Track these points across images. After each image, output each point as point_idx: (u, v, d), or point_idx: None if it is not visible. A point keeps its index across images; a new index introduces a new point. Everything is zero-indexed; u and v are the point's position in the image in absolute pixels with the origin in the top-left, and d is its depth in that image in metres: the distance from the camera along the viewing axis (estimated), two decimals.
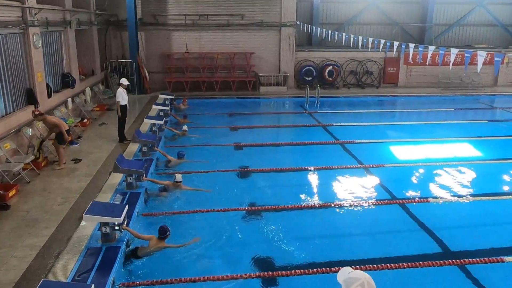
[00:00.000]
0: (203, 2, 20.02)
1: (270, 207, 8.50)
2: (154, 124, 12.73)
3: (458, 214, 8.66)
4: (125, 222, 6.76)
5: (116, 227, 6.60)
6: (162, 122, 13.06)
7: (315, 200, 9.01)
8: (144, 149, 10.75)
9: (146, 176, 9.02)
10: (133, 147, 11.25)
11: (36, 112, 10.07)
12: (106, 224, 6.50)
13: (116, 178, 9.08)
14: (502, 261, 6.78)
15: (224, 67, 20.63)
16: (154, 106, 14.94)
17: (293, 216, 8.25)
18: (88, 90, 15.94)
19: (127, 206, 6.95)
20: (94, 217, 6.51)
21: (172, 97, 16.87)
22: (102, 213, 6.54)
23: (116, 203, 7.77)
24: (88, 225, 7.02)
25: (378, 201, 8.98)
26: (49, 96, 12.80)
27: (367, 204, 8.79)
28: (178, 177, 9.06)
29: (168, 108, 15.19)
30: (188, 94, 19.30)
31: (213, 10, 20.15)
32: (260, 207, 8.52)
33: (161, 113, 14.56)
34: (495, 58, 7.91)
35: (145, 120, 12.91)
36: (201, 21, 20.16)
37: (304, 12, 23.38)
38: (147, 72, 19.67)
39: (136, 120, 14.43)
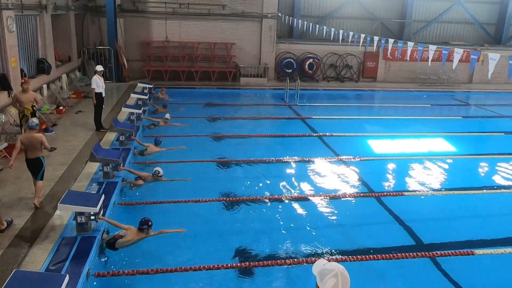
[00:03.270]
0: None
1: (248, 198, 8.54)
2: (132, 113, 12.55)
3: (431, 207, 8.88)
4: (101, 212, 6.67)
5: (92, 217, 6.51)
6: (140, 111, 12.89)
7: (293, 192, 9.07)
8: (122, 138, 10.60)
9: (123, 166, 8.91)
10: (110, 136, 11.08)
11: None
12: (81, 213, 6.40)
13: (92, 167, 8.94)
14: (473, 254, 6.99)
15: (205, 57, 20.45)
16: (132, 95, 14.72)
17: (271, 207, 8.30)
18: (64, 76, 15.58)
19: (103, 195, 6.86)
20: (69, 206, 6.40)
21: (151, 86, 16.66)
22: (77, 202, 6.43)
23: (92, 192, 7.66)
24: (63, 215, 6.91)
25: (355, 193, 9.11)
26: None
27: (344, 197, 8.91)
28: (159, 171, 8.89)
29: (146, 97, 14.99)
30: (167, 84, 19.07)
31: None
32: (238, 198, 8.54)
33: (140, 102, 14.37)
34: (471, 56, 8.09)
35: (123, 109, 12.72)
36: (181, 9, 19.88)
37: (285, 4, 23.30)
38: (126, 60, 19.33)
39: (113, 108, 14.20)
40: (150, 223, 6.49)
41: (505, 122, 16.42)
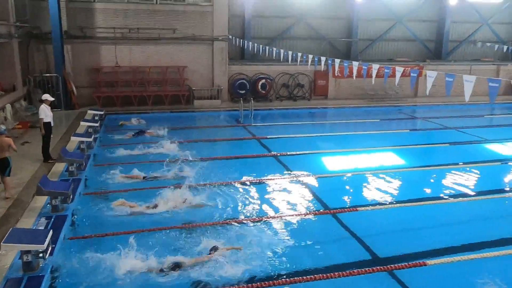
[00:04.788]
0: (133, 15, 19.62)
1: (207, 223, 8.43)
2: (82, 142, 12.19)
3: (385, 220, 9.11)
4: (50, 249, 6.37)
5: (40, 255, 6.20)
6: (91, 140, 12.53)
7: (249, 212, 9.04)
8: (71, 168, 10.24)
9: (73, 198, 8.60)
10: (59, 167, 10.68)
11: None
12: (27, 252, 6.08)
13: (40, 201, 8.56)
14: (425, 265, 7.22)
15: (157, 81, 20.29)
16: (82, 123, 14.31)
17: (229, 230, 8.22)
18: (8, 106, 14.94)
19: (51, 231, 6.57)
20: (14, 245, 6.07)
21: (102, 113, 16.28)
22: (22, 240, 6.12)
23: (39, 228, 7.31)
24: (8, 254, 6.53)
25: (311, 211, 9.21)
26: None
27: (300, 215, 8.99)
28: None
29: (97, 124, 14.62)
30: (119, 109, 18.73)
31: (144, 23, 19.80)
32: (196, 224, 8.41)
33: (90, 130, 13.97)
34: (411, 74, 8.52)
35: (72, 138, 12.33)
36: (131, 34, 19.71)
37: (236, 26, 23.66)
38: (75, 87, 18.82)
39: (63, 137, 13.72)
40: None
41: (449, 133, 17.27)
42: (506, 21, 28.88)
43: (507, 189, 11.33)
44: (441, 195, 10.52)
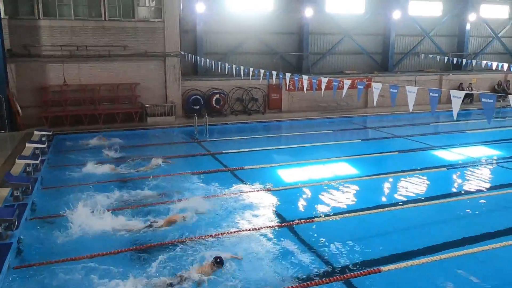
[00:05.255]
0: (80, 32, 19.14)
1: (161, 243, 8.24)
2: (28, 165, 11.64)
3: (340, 230, 9.24)
4: None
5: None
6: (37, 162, 12.01)
7: (204, 230, 8.91)
8: (16, 193, 9.73)
9: (18, 225, 8.16)
10: (3, 192, 10.10)
11: None
12: None
13: None
14: (379, 271, 7.39)
15: (108, 99, 19.81)
16: (28, 145, 13.66)
17: (184, 249, 8.07)
18: None
19: None
20: None
21: (50, 133, 15.66)
22: None
23: None
24: None
25: (267, 225, 9.21)
26: None
27: (256, 229, 8.97)
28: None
29: (45, 146, 14.03)
30: (69, 129, 18.10)
31: (92, 41, 19.36)
32: (147, 245, 8.20)
33: (37, 152, 13.38)
34: (358, 86, 8.81)
35: (17, 161, 11.76)
36: (80, 52, 19.20)
37: (188, 42, 23.65)
38: (19, 107, 18.01)
39: (7, 161, 13.05)
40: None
41: (397, 141, 17.97)
42: (446, 34, 30.62)
43: (454, 193, 11.86)
44: (393, 202, 10.87)
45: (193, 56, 21.64)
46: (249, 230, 8.95)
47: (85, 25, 19.21)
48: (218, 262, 7.19)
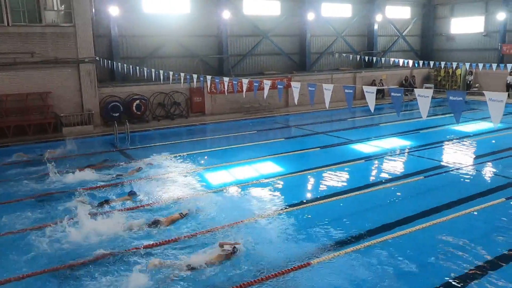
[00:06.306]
0: None
1: (85, 260, 7.80)
2: None
3: (266, 228, 9.34)
4: None
5: None
6: None
7: (136, 241, 8.61)
8: None
9: None
10: None
11: None
12: None
13: None
14: (310, 265, 7.61)
15: (17, 110, 18.37)
16: None
17: (109, 264, 7.72)
18: None
19: None
20: None
21: None
22: None
23: None
24: None
25: (195, 231, 9.09)
26: None
27: (185, 237, 8.81)
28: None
29: None
30: None
31: None
32: (76, 262, 7.73)
33: None
34: (278, 86, 9.01)
35: None
36: None
37: (103, 47, 22.69)
38: None
39: None
40: None
41: (319, 138, 18.69)
42: (356, 34, 32.45)
43: (373, 183, 12.57)
44: (318, 196, 11.25)
45: (110, 61, 20.81)
46: (175, 239, 8.77)
47: None
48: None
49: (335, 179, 12.67)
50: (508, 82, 27.26)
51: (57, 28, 19.03)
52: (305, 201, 10.96)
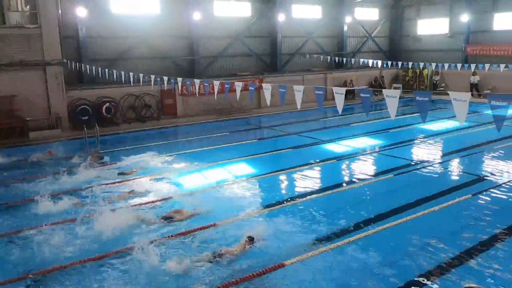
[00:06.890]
0: None
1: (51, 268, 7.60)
2: None
3: (241, 231, 9.32)
4: None
5: None
6: None
7: (110, 245, 8.44)
8: None
9: None
10: None
11: None
12: None
13: None
14: (283, 266, 7.65)
15: None
16: None
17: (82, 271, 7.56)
18: None
19: None
20: None
21: None
22: None
23: None
24: None
25: (171, 233, 9.01)
26: None
27: (160, 239, 8.72)
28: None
29: None
30: None
31: None
32: (41, 271, 7.52)
33: None
34: (250, 88, 9.04)
35: None
36: None
37: (71, 49, 22.16)
38: None
39: None
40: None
41: (291, 138, 18.83)
42: (327, 35, 32.84)
43: (344, 182, 12.75)
44: (291, 196, 11.31)
45: (78, 63, 20.35)
46: (148, 241, 8.66)
47: None
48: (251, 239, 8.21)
49: (307, 179, 12.78)
50: (471, 82, 28.16)
51: (22, 30, 18.46)
52: (277, 202, 10.99)
